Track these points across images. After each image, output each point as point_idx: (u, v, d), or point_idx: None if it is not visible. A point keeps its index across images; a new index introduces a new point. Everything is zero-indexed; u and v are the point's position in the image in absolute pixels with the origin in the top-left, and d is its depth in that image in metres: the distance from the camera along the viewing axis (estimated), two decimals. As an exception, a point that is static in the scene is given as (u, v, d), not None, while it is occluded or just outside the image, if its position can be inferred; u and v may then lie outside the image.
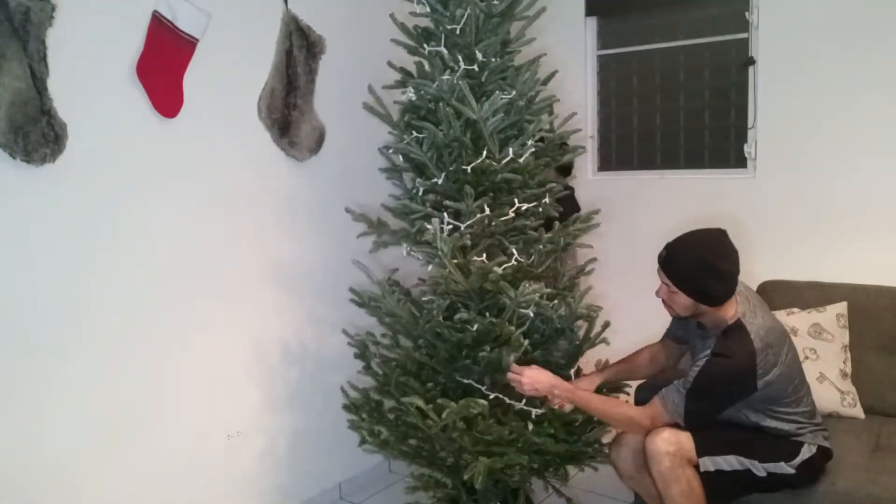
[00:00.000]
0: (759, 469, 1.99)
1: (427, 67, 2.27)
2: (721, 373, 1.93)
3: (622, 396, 2.38)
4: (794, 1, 2.79)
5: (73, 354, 2.11)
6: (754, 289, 2.82)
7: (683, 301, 2.00)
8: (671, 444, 1.94)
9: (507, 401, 2.18)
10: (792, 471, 2.00)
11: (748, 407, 2.01)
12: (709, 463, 1.98)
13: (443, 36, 2.21)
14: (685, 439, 1.97)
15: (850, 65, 2.70)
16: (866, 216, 2.72)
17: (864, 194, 2.72)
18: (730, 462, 1.99)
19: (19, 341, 2.00)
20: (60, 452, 2.10)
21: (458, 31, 2.17)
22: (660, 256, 2.03)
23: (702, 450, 1.97)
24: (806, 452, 2.02)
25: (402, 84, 2.32)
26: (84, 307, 2.13)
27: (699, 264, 1.93)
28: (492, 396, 2.16)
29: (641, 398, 2.39)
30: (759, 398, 1.97)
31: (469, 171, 2.14)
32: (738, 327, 1.96)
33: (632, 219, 3.24)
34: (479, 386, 2.19)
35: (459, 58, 2.18)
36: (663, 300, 2.07)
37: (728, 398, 1.97)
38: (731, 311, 2.00)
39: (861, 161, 2.71)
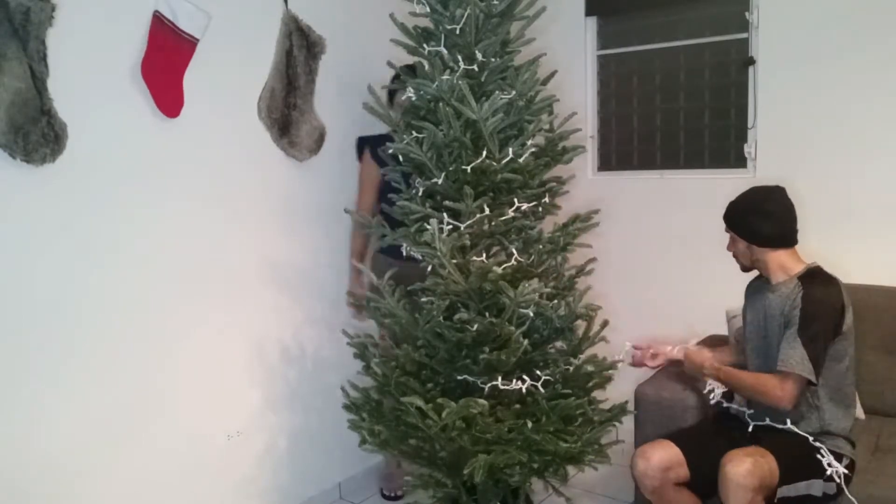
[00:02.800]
0: (818, 489, 1.98)
1: (427, 67, 2.27)
2: (819, 299, 2.01)
3: None
4: (794, 1, 2.79)
5: (72, 354, 2.12)
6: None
7: (741, 247, 2.17)
8: (755, 477, 1.88)
9: (504, 386, 2.17)
10: (835, 489, 1.99)
11: (825, 379, 2.04)
12: (783, 492, 1.97)
13: (443, 36, 2.21)
14: (767, 472, 1.92)
15: (851, 64, 2.70)
16: (866, 216, 2.72)
17: (864, 194, 2.72)
18: (798, 488, 1.98)
19: (19, 341, 2.00)
20: (60, 452, 2.10)
21: (457, 31, 2.17)
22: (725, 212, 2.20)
23: (782, 480, 1.95)
24: (844, 462, 2.02)
25: (402, 84, 2.32)
26: (84, 307, 2.14)
27: (747, 206, 2.14)
28: (489, 386, 2.16)
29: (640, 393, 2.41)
30: (836, 357, 2.03)
31: (469, 171, 2.14)
32: (817, 270, 2.12)
33: (632, 219, 3.24)
34: (475, 379, 2.19)
35: (459, 58, 2.18)
36: (733, 254, 2.23)
37: (831, 328, 2.02)
38: (800, 262, 2.13)
39: (861, 161, 2.71)
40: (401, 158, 2.33)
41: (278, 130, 2.62)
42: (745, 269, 2.24)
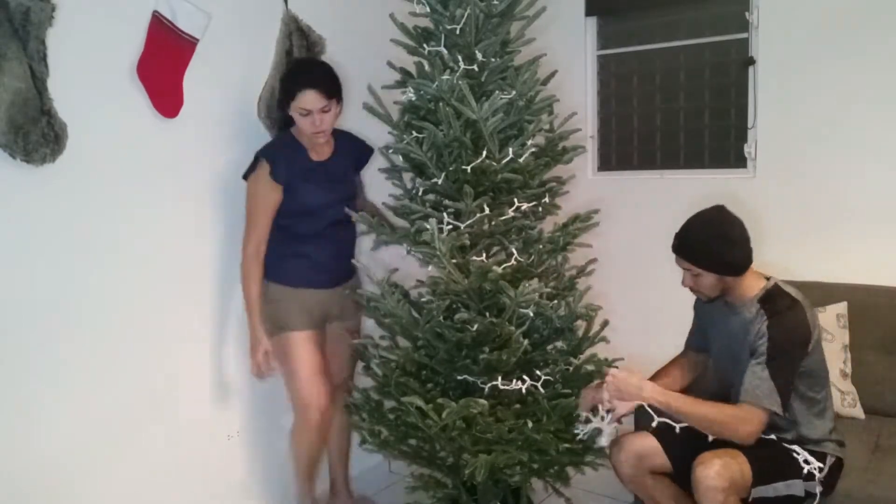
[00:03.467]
0: (799, 489, 1.96)
1: (427, 67, 2.27)
2: (787, 329, 1.93)
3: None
4: (794, 1, 2.79)
5: (72, 354, 2.12)
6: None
7: (709, 280, 2.02)
8: (724, 479, 1.86)
9: (504, 386, 2.17)
10: (820, 487, 1.97)
11: (797, 394, 1.97)
12: (758, 492, 1.94)
13: (443, 36, 2.21)
14: (737, 473, 1.90)
15: (851, 65, 2.70)
16: (866, 216, 2.72)
17: (864, 194, 2.72)
18: (777, 489, 1.95)
19: (19, 341, 2.00)
20: (60, 452, 2.10)
21: (457, 31, 2.17)
22: (673, 247, 2.07)
23: (756, 480, 1.93)
24: (829, 461, 2.00)
25: (401, 84, 2.32)
26: (84, 307, 2.14)
27: (711, 237, 1.99)
28: (489, 386, 2.16)
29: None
30: (805, 374, 1.97)
31: (469, 171, 2.14)
32: (776, 290, 2.01)
33: (632, 219, 3.24)
34: (475, 379, 2.19)
35: (459, 58, 2.18)
36: (690, 288, 2.10)
37: (799, 357, 1.94)
38: (760, 281, 2.03)
39: (861, 160, 2.71)
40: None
41: (278, 130, 2.62)
42: (711, 300, 2.09)
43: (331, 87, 2.29)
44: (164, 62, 2.25)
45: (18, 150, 1.91)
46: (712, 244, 1.98)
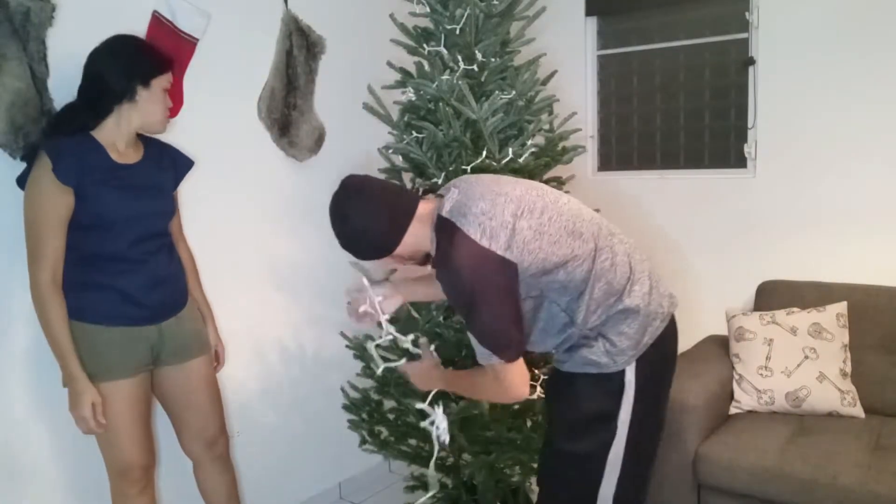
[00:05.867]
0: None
1: (427, 67, 2.27)
2: (455, 271, 1.48)
3: None
4: (794, 1, 2.79)
5: (73, 354, 2.11)
6: (754, 289, 2.84)
7: (388, 262, 1.65)
8: None
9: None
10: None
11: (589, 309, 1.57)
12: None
13: (442, 36, 2.21)
14: None
15: (851, 65, 2.70)
16: (866, 216, 2.72)
17: (864, 194, 2.72)
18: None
19: (19, 340, 2.00)
20: (60, 451, 2.10)
21: (457, 31, 2.17)
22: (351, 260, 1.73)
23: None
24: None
25: (401, 84, 2.32)
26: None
27: (347, 236, 1.57)
28: None
29: None
30: (558, 286, 1.56)
31: (469, 171, 2.14)
32: (439, 226, 1.55)
33: (632, 219, 3.24)
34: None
35: (459, 58, 2.18)
36: (404, 268, 1.78)
37: (492, 292, 1.49)
38: (424, 226, 1.58)
39: (861, 161, 2.71)
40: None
41: (278, 130, 2.63)
42: (424, 262, 1.68)
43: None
44: (164, 62, 2.25)
45: (18, 150, 1.91)
46: (353, 241, 1.57)
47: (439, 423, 1.83)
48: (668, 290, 1.71)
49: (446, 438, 1.86)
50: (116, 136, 1.91)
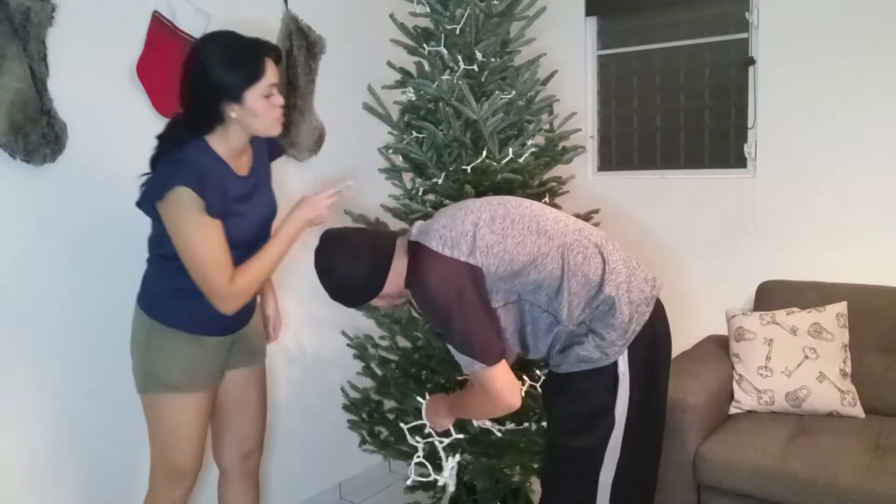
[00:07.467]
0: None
1: (427, 67, 2.27)
2: (425, 294, 1.57)
3: None
4: (794, 1, 2.79)
5: (72, 353, 2.12)
6: (754, 289, 2.84)
7: (384, 302, 1.75)
8: None
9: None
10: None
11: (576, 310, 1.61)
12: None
13: (442, 36, 2.21)
14: None
15: (850, 64, 2.70)
16: (866, 216, 2.72)
17: (864, 194, 2.72)
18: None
19: (18, 340, 2.00)
20: (60, 452, 2.10)
21: (457, 31, 2.17)
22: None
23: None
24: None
25: (401, 84, 2.32)
26: (84, 307, 2.14)
27: (332, 287, 1.71)
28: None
29: None
30: (531, 284, 1.60)
31: (469, 171, 2.14)
32: (412, 255, 1.64)
33: (632, 219, 3.24)
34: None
35: (459, 58, 2.18)
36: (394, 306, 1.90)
37: (458, 309, 1.54)
38: (401, 260, 1.66)
39: (861, 161, 2.71)
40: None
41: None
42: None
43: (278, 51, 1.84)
44: (164, 62, 2.25)
45: (18, 150, 1.91)
46: (342, 291, 1.70)
47: (446, 470, 1.97)
48: (649, 275, 1.73)
49: (452, 486, 1.99)
50: (221, 147, 1.78)
